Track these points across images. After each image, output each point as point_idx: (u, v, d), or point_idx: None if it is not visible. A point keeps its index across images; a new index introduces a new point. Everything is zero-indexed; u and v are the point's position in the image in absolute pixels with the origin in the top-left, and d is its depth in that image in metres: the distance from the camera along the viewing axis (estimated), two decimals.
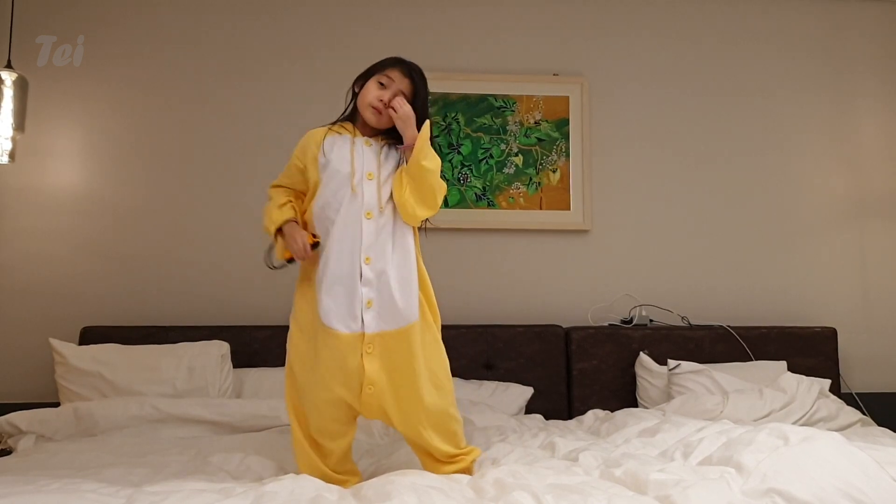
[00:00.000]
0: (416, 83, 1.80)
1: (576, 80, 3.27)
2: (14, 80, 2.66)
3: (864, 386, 3.19)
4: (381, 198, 1.75)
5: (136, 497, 1.41)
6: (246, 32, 3.18)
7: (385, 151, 1.81)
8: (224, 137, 3.12)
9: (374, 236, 1.73)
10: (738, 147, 3.34)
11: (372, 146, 1.81)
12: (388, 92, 1.78)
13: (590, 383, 2.95)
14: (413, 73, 1.81)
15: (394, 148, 1.82)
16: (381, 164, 1.78)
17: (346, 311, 1.70)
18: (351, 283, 1.71)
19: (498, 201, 3.18)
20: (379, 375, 1.71)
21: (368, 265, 1.72)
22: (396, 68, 1.81)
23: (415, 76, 1.81)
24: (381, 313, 1.72)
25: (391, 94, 1.78)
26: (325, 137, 1.81)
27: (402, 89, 1.79)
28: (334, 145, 1.80)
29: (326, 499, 1.48)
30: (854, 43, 3.45)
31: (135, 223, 3.03)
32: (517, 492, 1.41)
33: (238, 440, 2.24)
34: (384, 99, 1.78)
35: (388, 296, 1.72)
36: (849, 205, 3.36)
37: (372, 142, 1.82)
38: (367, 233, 1.73)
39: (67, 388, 2.54)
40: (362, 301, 1.71)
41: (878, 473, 1.36)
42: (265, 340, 2.86)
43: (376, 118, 1.80)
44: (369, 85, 1.81)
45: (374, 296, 1.71)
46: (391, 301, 1.72)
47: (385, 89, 1.79)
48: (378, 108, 1.78)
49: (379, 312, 1.71)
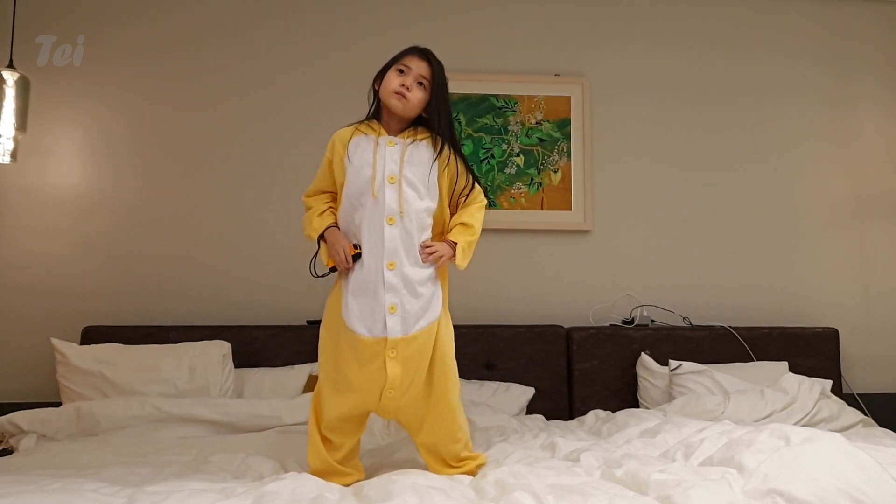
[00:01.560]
0: (433, 66, 1.82)
1: (577, 81, 3.27)
2: (16, 80, 2.66)
3: (866, 387, 3.19)
4: (402, 202, 1.74)
5: (137, 497, 1.41)
6: (247, 32, 3.18)
7: (410, 150, 1.80)
8: (225, 137, 3.12)
9: (397, 241, 1.73)
10: (740, 147, 3.34)
11: (396, 146, 1.79)
12: (408, 77, 1.80)
13: (591, 384, 2.95)
14: (429, 57, 1.83)
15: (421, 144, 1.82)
16: (403, 164, 1.77)
17: (370, 315, 1.71)
18: (375, 289, 1.71)
19: (499, 201, 3.18)
20: (401, 380, 1.71)
21: (392, 271, 1.72)
22: (412, 55, 1.83)
23: (431, 59, 1.83)
24: (404, 318, 1.71)
25: (412, 79, 1.79)
26: (351, 138, 1.82)
27: (421, 73, 1.80)
28: (358, 147, 1.80)
29: (328, 498, 1.48)
30: (855, 45, 3.44)
31: (136, 223, 3.03)
32: (518, 492, 1.41)
33: (239, 440, 2.24)
34: (406, 83, 1.79)
35: (411, 301, 1.72)
36: (850, 205, 3.36)
37: (397, 141, 1.81)
38: (390, 238, 1.73)
39: (69, 387, 2.54)
40: (385, 306, 1.70)
41: (880, 474, 1.36)
42: (266, 340, 2.86)
43: (402, 104, 1.79)
44: (389, 75, 1.82)
45: (397, 301, 1.71)
46: (414, 306, 1.72)
47: (405, 75, 1.80)
48: (402, 93, 1.78)
49: (402, 317, 1.71)
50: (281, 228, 3.05)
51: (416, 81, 1.79)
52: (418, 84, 1.80)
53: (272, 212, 3.06)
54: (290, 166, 3.07)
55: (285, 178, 3.07)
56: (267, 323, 2.94)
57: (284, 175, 3.08)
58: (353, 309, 1.72)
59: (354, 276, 1.74)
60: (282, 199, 3.06)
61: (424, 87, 1.81)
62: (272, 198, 3.08)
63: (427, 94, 1.81)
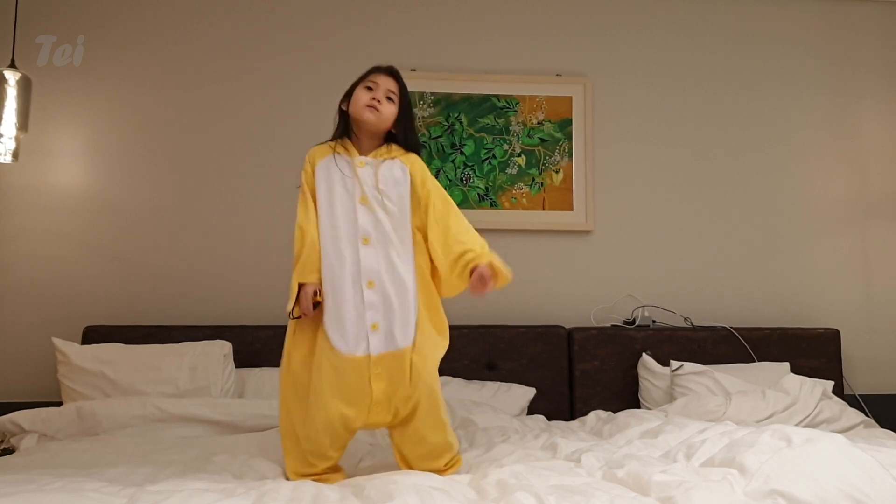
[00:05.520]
0: (399, 82, 1.89)
1: (579, 81, 3.27)
2: (17, 79, 2.66)
3: (868, 388, 3.18)
4: (376, 221, 1.78)
5: (139, 496, 1.41)
6: (248, 30, 3.18)
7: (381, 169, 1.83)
8: (227, 136, 3.12)
9: (373, 260, 1.76)
10: (741, 148, 3.34)
11: (366, 166, 1.83)
12: (378, 92, 1.85)
13: (592, 384, 2.95)
14: (395, 73, 1.90)
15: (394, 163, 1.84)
16: (376, 184, 1.80)
17: (352, 334, 1.73)
18: (355, 308, 1.74)
19: (501, 202, 3.18)
20: (386, 395, 1.74)
21: (371, 289, 1.74)
22: (378, 73, 1.89)
23: (397, 76, 1.89)
24: (386, 335, 1.74)
25: (382, 93, 1.85)
26: (323, 158, 1.85)
27: (389, 87, 1.86)
28: (329, 168, 1.84)
29: (328, 498, 1.48)
30: (858, 43, 3.44)
31: (138, 222, 3.03)
32: (519, 492, 1.41)
33: (240, 440, 2.24)
34: (377, 97, 1.84)
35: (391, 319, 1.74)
36: (852, 206, 3.35)
37: (367, 160, 1.84)
38: (366, 256, 1.76)
39: (70, 387, 2.54)
40: (367, 325, 1.73)
41: (881, 475, 1.36)
42: (267, 340, 2.86)
43: (376, 116, 1.83)
44: (357, 93, 1.87)
45: (378, 319, 1.74)
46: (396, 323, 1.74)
47: (374, 91, 1.85)
48: (374, 106, 1.83)
49: (384, 334, 1.74)
50: (283, 228, 3.03)
51: (386, 96, 1.85)
52: (388, 98, 1.85)
53: (274, 211, 3.05)
54: (293, 166, 3.04)
55: (288, 177, 3.03)
56: (268, 323, 2.93)
57: (287, 175, 3.04)
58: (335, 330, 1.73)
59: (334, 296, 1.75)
60: (284, 199, 3.03)
61: (393, 101, 1.86)
62: (274, 197, 3.07)
63: (397, 108, 1.86)
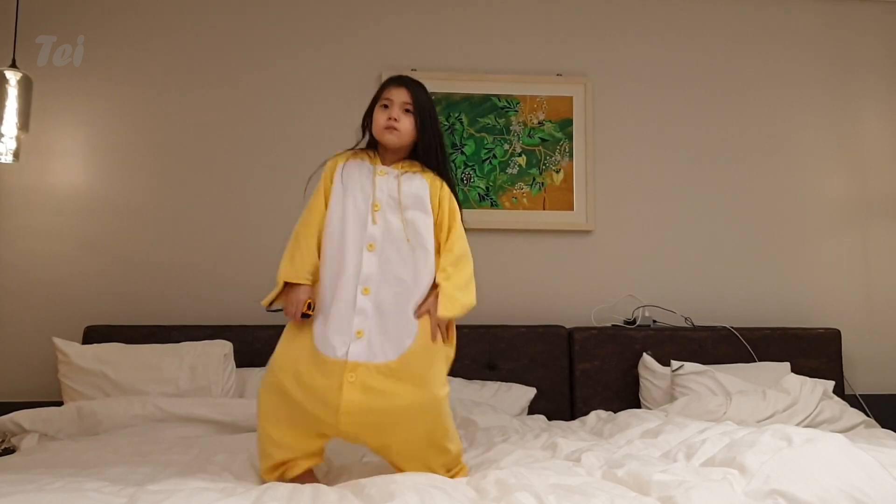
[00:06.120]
0: (411, 89, 1.86)
1: (579, 81, 3.27)
2: (18, 79, 2.66)
3: (868, 387, 3.18)
4: (387, 229, 1.77)
5: (139, 496, 1.41)
6: (248, 31, 3.18)
7: (401, 181, 1.83)
8: (227, 136, 3.12)
9: (374, 267, 1.75)
10: (742, 148, 3.33)
11: (387, 175, 1.83)
12: (393, 109, 1.84)
13: (592, 384, 2.95)
14: (405, 82, 1.87)
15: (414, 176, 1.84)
16: (392, 193, 1.80)
17: (336, 335, 1.71)
18: (345, 311, 1.72)
19: (501, 202, 3.18)
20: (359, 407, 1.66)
21: (366, 296, 1.73)
22: (389, 86, 1.88)
23: (407, 84, 1.87)
24: (370, 345, 1.70)
25: (398, 109, 1.83)
26: (346, 162, 1.86)
27: (403, 100, 1.84)
28: (349, 172, 1.84)
29: (328, 497, 1.48)
30: (858, 44, 3.44)
31: (138, 222, 3.03)
32: (519, 492, 1.41)
33: (240, 440, 2.23)
34: (393, 115, 1.83)
35: (380, 329, 1.72)
36: (852, 206, 3.35)
37: (388, 170, 1.85)
38: (368, 263, 1.75)
39: (70, 387, 2.55)
40: (353, 330, 1.71)
41: (882, 475, 1.36)
42: (268, 340, 2.84)
43: (396, 136, 1.84)
44: (376, 114, 1.86)
45: (365, 326, 1.71)
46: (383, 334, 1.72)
47: (390, 108, 1.84)
48: (392, 126, 1.83)
49: (368, 343, 1.70)
50: (284, 227, 3.03)
51: (402, 110, 1.84)
52: (405, 112, 1.84)
53: (275, 211, 3.05)
54: (293, 166, 3.06)
55: (289, 177, 3.06)
56: (269, 323, 2.93)
57: (288, 174, 3.07)
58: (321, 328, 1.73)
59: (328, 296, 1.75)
60: (285, 198, 3.05)
61: (411, 111, 1.85)
62: (275, 197, 3.08)
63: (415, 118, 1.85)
